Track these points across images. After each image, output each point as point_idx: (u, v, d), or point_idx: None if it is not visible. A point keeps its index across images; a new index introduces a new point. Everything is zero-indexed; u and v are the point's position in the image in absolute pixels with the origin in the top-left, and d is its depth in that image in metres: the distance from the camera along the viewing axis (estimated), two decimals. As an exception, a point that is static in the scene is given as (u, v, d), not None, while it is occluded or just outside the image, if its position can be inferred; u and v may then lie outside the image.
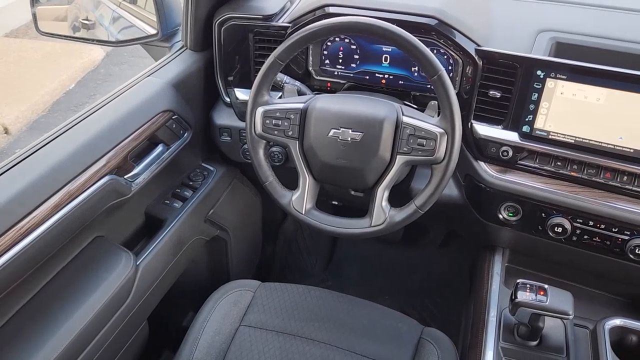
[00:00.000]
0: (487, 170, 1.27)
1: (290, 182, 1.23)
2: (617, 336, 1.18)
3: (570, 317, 1.05)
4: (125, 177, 1.18)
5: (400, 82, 1.36)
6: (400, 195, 1.27)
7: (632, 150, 1.13)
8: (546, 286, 1.09)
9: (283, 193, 1.20)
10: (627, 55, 1.18)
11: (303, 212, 1.18)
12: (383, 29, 1.05)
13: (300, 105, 1.15)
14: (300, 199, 1.18)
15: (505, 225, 1.29)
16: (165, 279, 1.32)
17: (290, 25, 1.32)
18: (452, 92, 1.05)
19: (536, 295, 1.07)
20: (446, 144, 1.07)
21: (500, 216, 1.28)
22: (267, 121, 1.15)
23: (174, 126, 1.30)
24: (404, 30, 1.05)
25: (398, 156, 1.10)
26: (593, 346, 1.16)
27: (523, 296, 1.08)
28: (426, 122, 1.09)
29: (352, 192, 1.31)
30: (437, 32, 1.22)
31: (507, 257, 1.40)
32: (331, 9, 1.28)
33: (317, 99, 1.16)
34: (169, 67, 1.37)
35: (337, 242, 2.16)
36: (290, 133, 1.15)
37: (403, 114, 1.11)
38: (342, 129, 1.11)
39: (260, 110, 1.16)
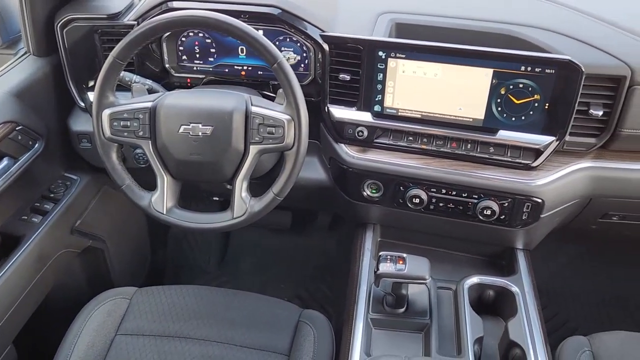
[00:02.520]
0: (347, 152, 1.31)
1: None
2: (476, 293, 1.27)
3: (427, 281, 1.12)
4: None
5: (259, 72, 1.37)
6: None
7: (471, 120, 1.21)
8: (405, 255, 1.15)
9: (141, 195, 1.17)
10: (461, 31, 1.26)
11: (164, 212, 1.16)
12: (218, 20, 1.05)
13: (149, 104, 1.13)
14: (160, 199, 1.16)
15: (370, 202, 1.34)
16: (29, 297, 1.25)
17: (135, 23, 1.28)
18: (294, 79, 1.08)
19: (396, 265, 1.13)
20: (294, 130, 1.09)
21: (365, 194, 1.33)
22: (115, 123, 1.12)
23: (19, 137, 1.23)
24: (239, 21, 1.06)
25: (251, 146, 1.11)
26: (455, 305, 1.24)
27: (384, 267, 1.13)
28: (273, 110, 1.10)
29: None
30: (282, 21, 1.24)
31: (378, 232, 1.46)
32: (175, 4, 1.26)
33: (166, 96, 1.14)
34: (10, 76, 1.28)
35: (230, 236, 2.15)
36: (141, 133, 1.12)
37: (252, 104, 1.12)
38: (191, 124, 1.10)
39: (106, 113, 1.12)
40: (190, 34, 1.35)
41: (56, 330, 1.53)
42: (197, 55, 1.37)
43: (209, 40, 1.35)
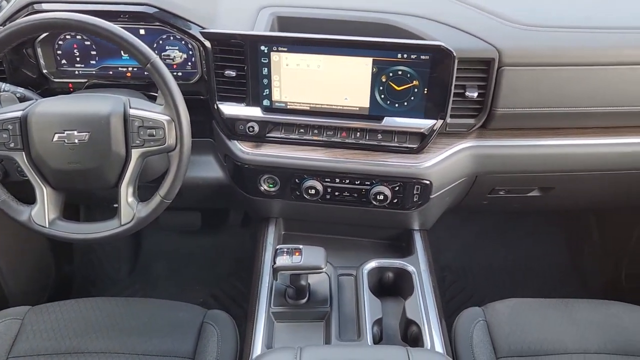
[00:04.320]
0: (241, 148, 1.31)
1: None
2: (376, 276, 1.31)
3: (324, 270, 1.14)
4: None
5: (146, 72, 1.33)
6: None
7: (357, 108, 1.24)
8: (301, 246, 1.16)
9: (20, 209, 1.11)
10: (341, 22, 1.28)
11: (47, 225, 1.11)
12: (80, 22, 1.01)
13: (18, 113, 1.07)
14: (41, 212, 1.11)
15: (268, 196, 1.35)
16: None
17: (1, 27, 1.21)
18: (170, 79, 1.06)
19: (292, 257, 1.14)
20: (175, 130, 1.07)
21: (262, 189, 1.33)
22: None
23: None
24: (104, 21, 1.02)
25: (133, 150, 1.08)
26: (356, 290, 1.27)
27: (281, 261, 1.14)
28: (152, 111, 1.08)
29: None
30: (159, 19, 1.21)
31: (281, 226, 1.47)
32: (44, 5, 1.20)
33: (38, 103, 1.09)
34: None
35: (141, 242, 2.09)
36: (12, 145, 1.06)
37: (130, 107, 1.08)
38: (66, 131, 1.05)
39: None
40: (68, 36, 1.29)
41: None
42: (78, 59, 1.31)
43: (88, 43, 1.30)
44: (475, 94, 1.22)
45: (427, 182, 1.27)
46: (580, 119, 1.28)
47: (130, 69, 1.33)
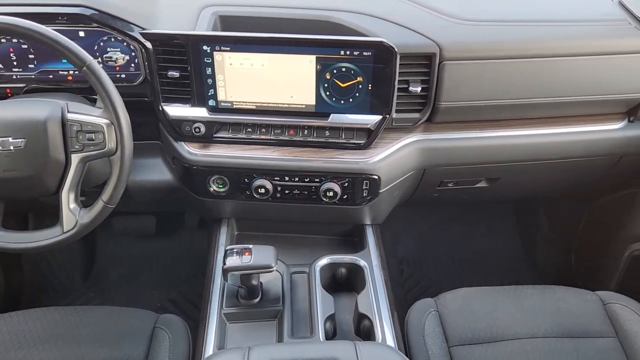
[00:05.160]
0: (188, 150, 1.29)
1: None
2: (329, 272, 1.32)
3: (274, 269, 1.14)
4: None
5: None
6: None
7: (304, 106, 1.24)
8: (251, 246, 1.16)
9: None
10: (284, 20, 1.28)
11: None
12: (10, 25, 0.98)
13: None
14: (-22, 223, 1.07)
15: (218, 197, 1.34)
16: None
17: None
18: (107, 81, 1.03)
19: (242, 257, 1.14)
20: (115, 134, 1.05)
21: (212, 189, 1.32)
22: None
23: None
24: (33, 23, 0.99)
25: (72, 155, 1.06)
26: (309, 287, 1.27)
27: (230, 261, 1.13)
28: (91, 115, 1.06)
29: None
30: (96, 21, 1.18)
31: (234, 226, 1.46)
32: (-24, 9, 1.16)
33: (-32, 111, 1.05)
34: None
35: (95, 249, 2.04)
36: None
37: (68, 111, 1.06)
38: (1, 138, 1.02)
39: None
40: (3, 40, 1.25)
41: None
42: (15, 63, 1.27)
43: (25, 46, 1.26)
44: (419, 89, 1.24)
45: (376, 177, 1.28)
46: (521, 111, 1.32)
47: (71, 72, 1.29)
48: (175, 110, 1.26)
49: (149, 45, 1.20)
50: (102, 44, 1.25)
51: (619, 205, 1.65)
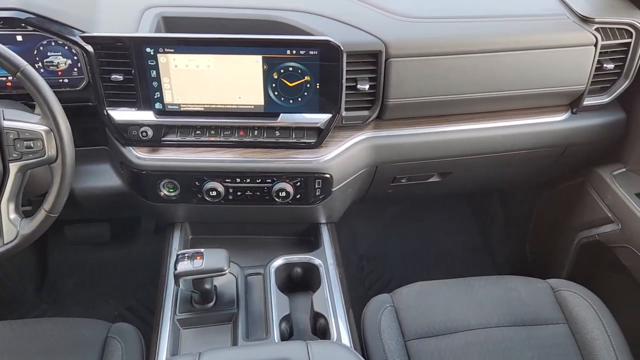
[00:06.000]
0: (136, 154, 1.27)
1: None
2: (284, 272, 1.31)
3: (226, 272, 1.13)
4: None
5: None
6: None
7: (252, 106, 1.23)
8: (203, 250, 1.14)
9: None
10: (229, 20, 1.27)
11: None
12: None
13: None
14: None
15: (170, 201, 1.31)
16: None
17: None
18: (43, 86, 1.00)
19: (193, 262, 1.12)
20: (55, 141, 1.02)
21: (162, 194, 1.30)
22: None
23: None
24: None
25: (10, 164, 1.02)
26: (264, 289, 1.26)
27: (182, 266, 1.12)
28: (29, 122, 1.02)
29: None
30: (33, 25, 1.15)
31: (188, 230, 1.44)
32: None
33: None
34: None
35: (47, 258, 1.99)
36: None
37: (4, 119, 1.02)
38: None
39: None
40: None
41: None
42: None
43: None
44: (367, 87, 1.24)
45: (328, 175, 1.28)
46: (467, 105, 1.34)
47: (10, 78, 1.25)
48: (120, 114, 1.23)
49: (90, 48, 1.16)
50: (42, 48, 1.21)
51: (567, 195, 1.70)
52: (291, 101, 1.22)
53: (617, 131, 1.49)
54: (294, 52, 1.16)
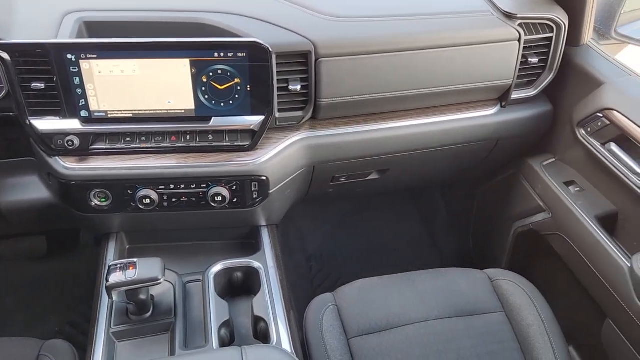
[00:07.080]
0: (64, 165, 1.22)
1: None
2: (224, 278, 1.30)
3: (160, 281, 1.10)
4: None
5: None
6: None
7: (183, 111, 1.21)
8: (136, 260, 1.11)
9: None
10: (154, 24, 1.24)
11: None
12: None
13: None
14: None
15: (102, 211, 1.28)
16: None
17: None
18: None
19: (126, 272, 1.09)
20: None
21: (93, 204, 1.26)
22: None
23: None
24: None
25: None
26: (204, 295, 1.24)
27: (114, 278, 1.08)
28: None
29: None
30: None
31: (124, 240, 1.40)
32: None
33: None
34: None
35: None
36: None
37: None
38: None
39: None
40: None
41: None
42: None
43: None
44: (299, 87, 1.24)
45: (264, 177, 1.27)
46: (399, 103, 1.36)
47: None
48: (44, 123, 1.18)
49: (6, 56, 1.11)
50: None
51: (503, 186, 1.75)
52: (222, 104, 1.21)
53: (545, 123, 1.54)
54: (222, 54, 1.15)
